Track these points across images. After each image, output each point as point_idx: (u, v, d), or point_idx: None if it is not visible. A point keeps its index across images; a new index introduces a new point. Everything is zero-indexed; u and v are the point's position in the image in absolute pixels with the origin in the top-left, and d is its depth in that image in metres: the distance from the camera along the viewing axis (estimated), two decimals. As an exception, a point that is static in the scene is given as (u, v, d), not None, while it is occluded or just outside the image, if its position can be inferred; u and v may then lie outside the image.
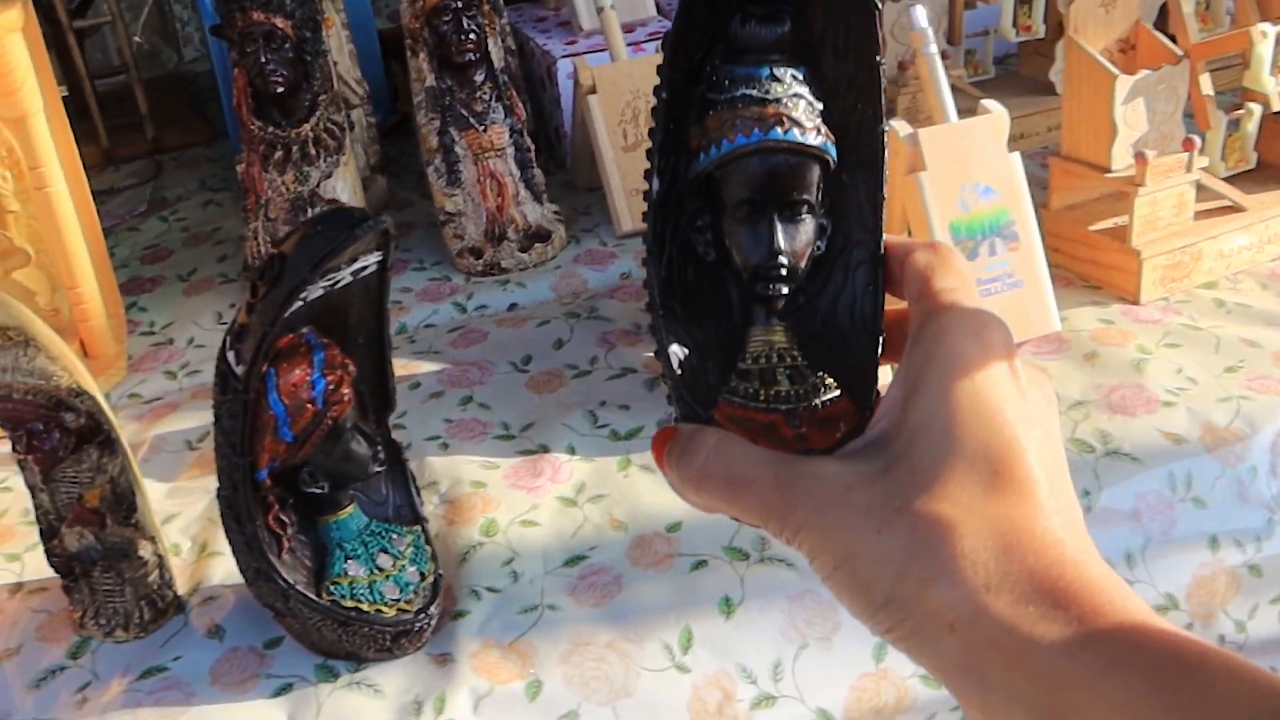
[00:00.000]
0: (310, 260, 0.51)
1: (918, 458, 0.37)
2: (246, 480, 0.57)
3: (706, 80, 0.45)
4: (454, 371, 0.86)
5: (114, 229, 1.12)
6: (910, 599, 0.35)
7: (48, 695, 0.62)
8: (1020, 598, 0.34)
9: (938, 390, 0.38)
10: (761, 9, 0.44)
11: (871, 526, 0.36)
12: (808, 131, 0.44)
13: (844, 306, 0.47)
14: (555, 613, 0.64)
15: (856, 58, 0.44)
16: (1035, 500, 0.36)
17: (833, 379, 0.46)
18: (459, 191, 0.99)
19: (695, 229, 0.46)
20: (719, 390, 0.46)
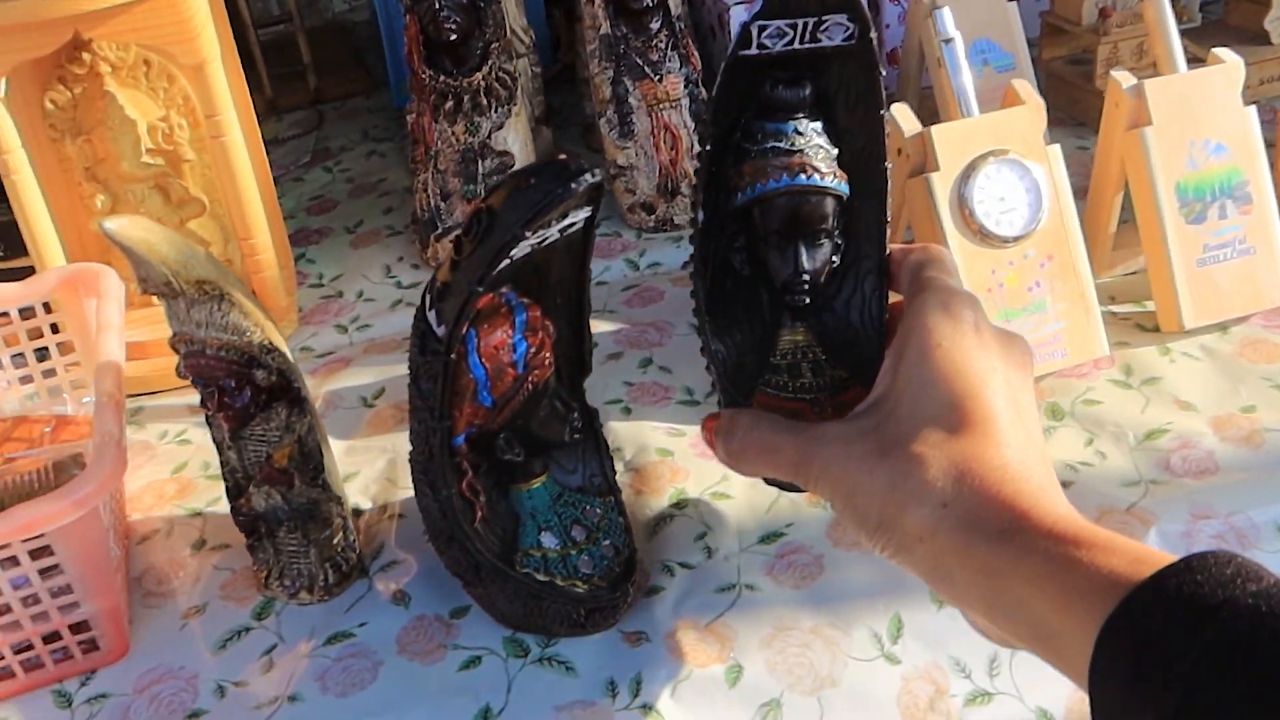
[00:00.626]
0: (522, 215, 0.47)
1: (900, 413, 0.48)
2: (443, 446, 0.54)
3: (742, 131, 0.57)
4: (631, 332, 0.82)
5: (280, 179, 1.11)
6: (892, 521, 0.46)
7: (234, 656, 0.60)
8: (969, 510, 0.44)
9: (914, 358, 0.49)
10: (787, 75, 0.55)
11: (865, 469, 0.47)
12: (825, 176, 0.55)
13: (855, 309, 0.58)
14: (754, 593, 0.61)
15: (864, 108, 0.55)
16: (989, 435, 0.46)
17: (847, 371, 0.58)
18: (631, 144, 0.95)
19: (733, 250, 0.58)
20: (755, 382, 0.58)
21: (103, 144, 0.84)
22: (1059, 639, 0.41)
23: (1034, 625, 0.42)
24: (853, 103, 0.56)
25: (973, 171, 0.69)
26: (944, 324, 0.49)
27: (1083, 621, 0.39)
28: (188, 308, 0.55)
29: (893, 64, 1.13)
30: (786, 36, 0.53)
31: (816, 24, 0.52)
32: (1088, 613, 0.39)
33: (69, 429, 0.73)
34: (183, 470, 0.74)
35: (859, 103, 0.56)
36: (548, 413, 0.57)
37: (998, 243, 0.70)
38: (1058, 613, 0.41)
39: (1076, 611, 0.40)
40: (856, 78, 0.55)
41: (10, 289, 0.72)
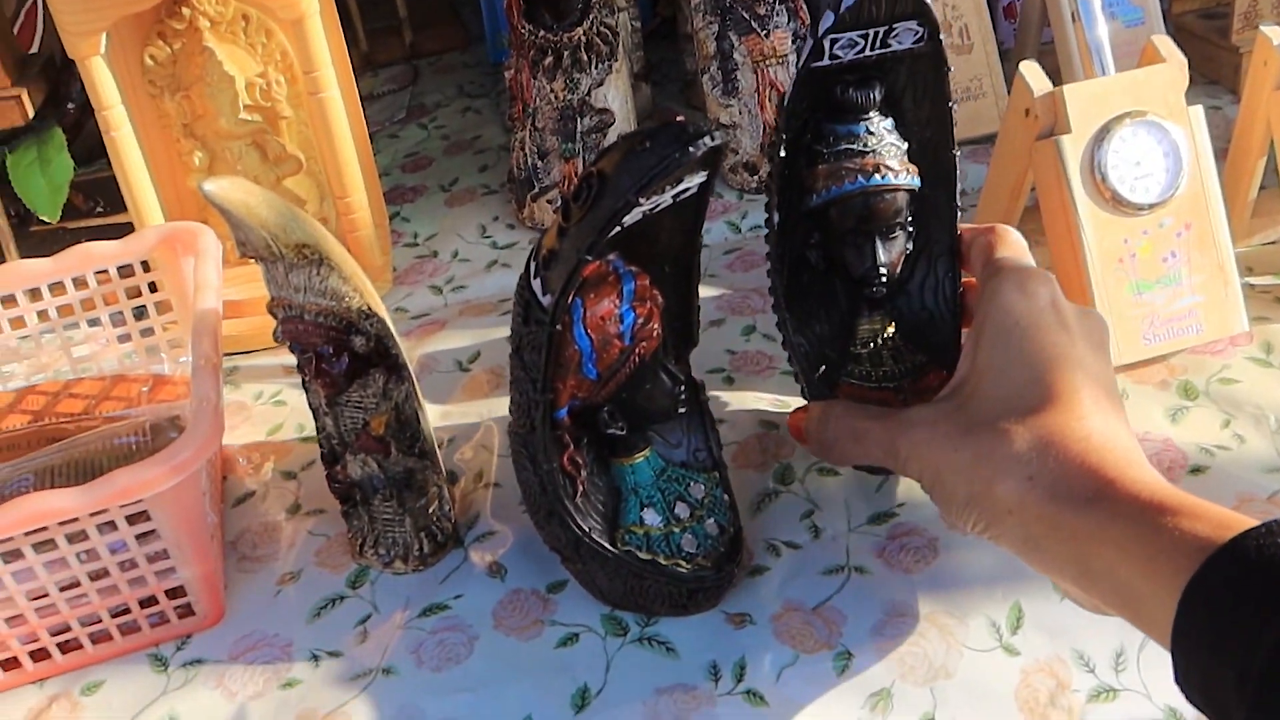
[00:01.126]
0: (636, 181, 0.45)
1: (982, 393, 0.50)
2: (546, 418, 0.52)
3: (813, 133, 0.59)
4: (734, 297, 0.80)
5: (375, 136, 1.09)
6: (980, 496, 0.48)
7: (328, 625, 0.59)
8: (1055, 480, 0.46)
9: (993, 339, 0.51)
10: (857, 78, 0.56)
11: (951, 447, 0.49)
12: (899, 174, 0.58)
13: (929, 291, 0.61)
14: (864, 576, 0.58)
15: (932, 101, 0.58)
16: (1071, 408, 0.47)
17: (926, 354, 0.61)
18: (735, 102, 0.91)
19: (809, 246, 0.61)
20: (838, 372, 0.61)
21: (201, 100, 0.83)
22: (1145, 603, 0.42)
23: (1121, 590, 0.43)
24: (920, 97, 0.58)
25: (1107, 134, 0.65)
26: (1020, 303, 0.51)
27: (1167, 585, 0.40)
28: (286, 272, 0.53)
29: (1009, 18, 1.07)
30: (858, 46, 0.55)
31: (888, 31, 0.54)
32: (1172, 576, 0.40)
33: (166, 388, 0.73)
34: (278, 432, 0.73)
35: (926, 97, 0.58)
36: (653, 386, 0.55)
37: (1132, 210, 0.65)
38: (1143, 576, 0.42)
39: (1161, 575, 0.41)
40: (925, 74, 0.57)
41: (109, 247, 0.71)
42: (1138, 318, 0.66)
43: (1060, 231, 0.66)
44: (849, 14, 0.52)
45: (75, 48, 0.76)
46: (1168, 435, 0.63)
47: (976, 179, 0.89)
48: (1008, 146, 0.70)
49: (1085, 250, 0.65)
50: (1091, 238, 0.65)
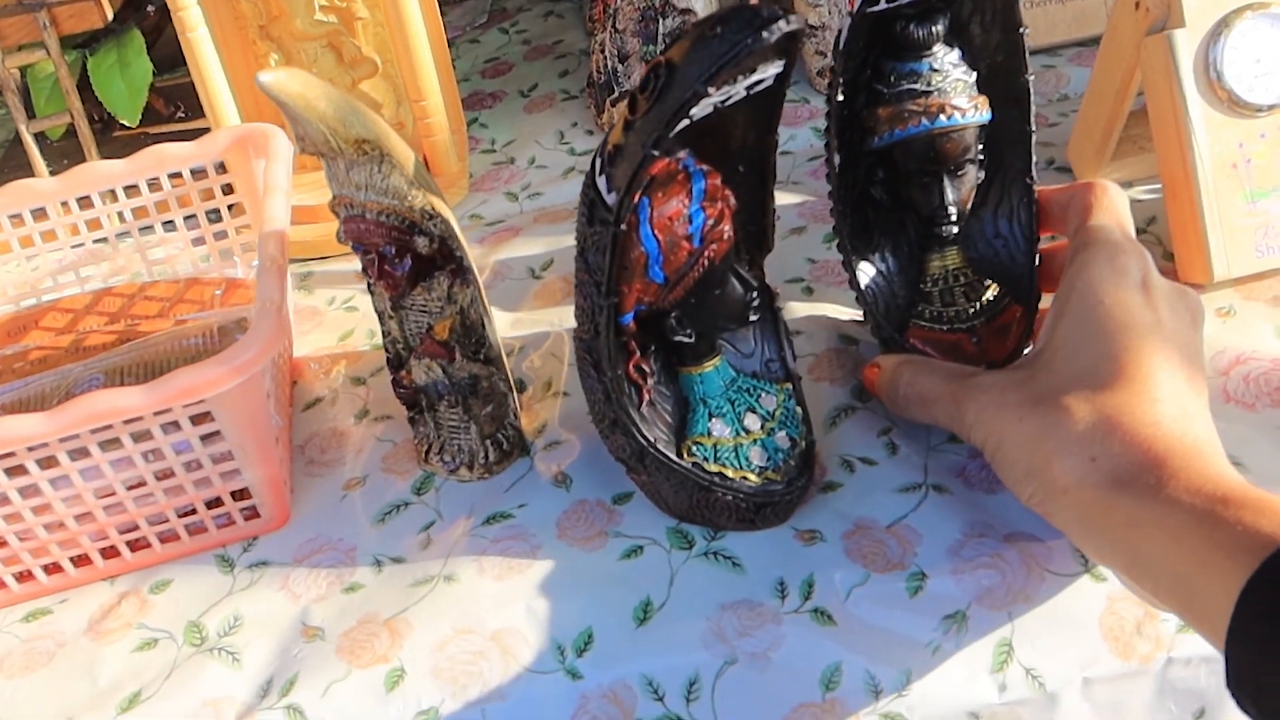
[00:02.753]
0: (705, 69, 0.42)
1: (1056, 366, 0.48)
2: (610, 324, 0.50)
3: (873, 70, 0.55)
4: (817, 205, 0.76)
5: (455, 41, 1.07)
6: (1039, 470, 0.47)
7: (393, 530, 0.59)
8: (1117, 463, 0.44)
9: (1076, 312, 0.49)
10: (917, 11, 0.53)
11: (1015, 418, 0.48)
12: (966, 112, 0.55)
13: (1003, 218, 0.59)
14: (942, 495, 0.55)
15: (1002, 26, 0.55)
16: (1142, 392, 0.46)
17: (1002, 286, 0.58)
18: (824, 1, 0.87)
19: (873, 183, 0.58)
20: (908, 314, 0.59)
21: (276, 1, 0.81)
22: (1200, 599, 0.40)
23: (1175, 584, 0.41)
24: (989, 23, 0.55)
25: (1225, 28, 0.60)
26: (1108, 279, 0.49)
27: (1224, 581, 0.38)
28: (347, 169, 0.52)
29: (1123, -87, 1.00)
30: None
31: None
32: (1230, 572, 0.38)
33: (239, 292, 0.72)
34: (349, 338, 0.73)
35: (995, 23, 0.55)
36: (724, 291, 0.52)
37: (1250, 111, 0.61)
38: (1199, 571, 0.40)
39: (1218, 571, 0.39)
40: (993, 2, 0.54)
41: (182, 149, 0.71)
42: (1251, 228, 0.61)
43: (1169, 136, 0.62)
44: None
45: (149, -55, 0.74)
46: (1277, 354, 0.59)
47: (1080, 84, 0.84)
48: (1114, 43, 0.65)
49: (1195, 156, 0.60)
50: (1203, 142, 0.60)
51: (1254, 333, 0.60)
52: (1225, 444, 0.54)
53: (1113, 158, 0.70)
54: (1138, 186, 0.72)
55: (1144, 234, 0.68)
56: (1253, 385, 0.57)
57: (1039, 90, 0.84)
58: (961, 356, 0.58)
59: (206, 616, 0.56)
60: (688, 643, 0.51)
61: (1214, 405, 0.55)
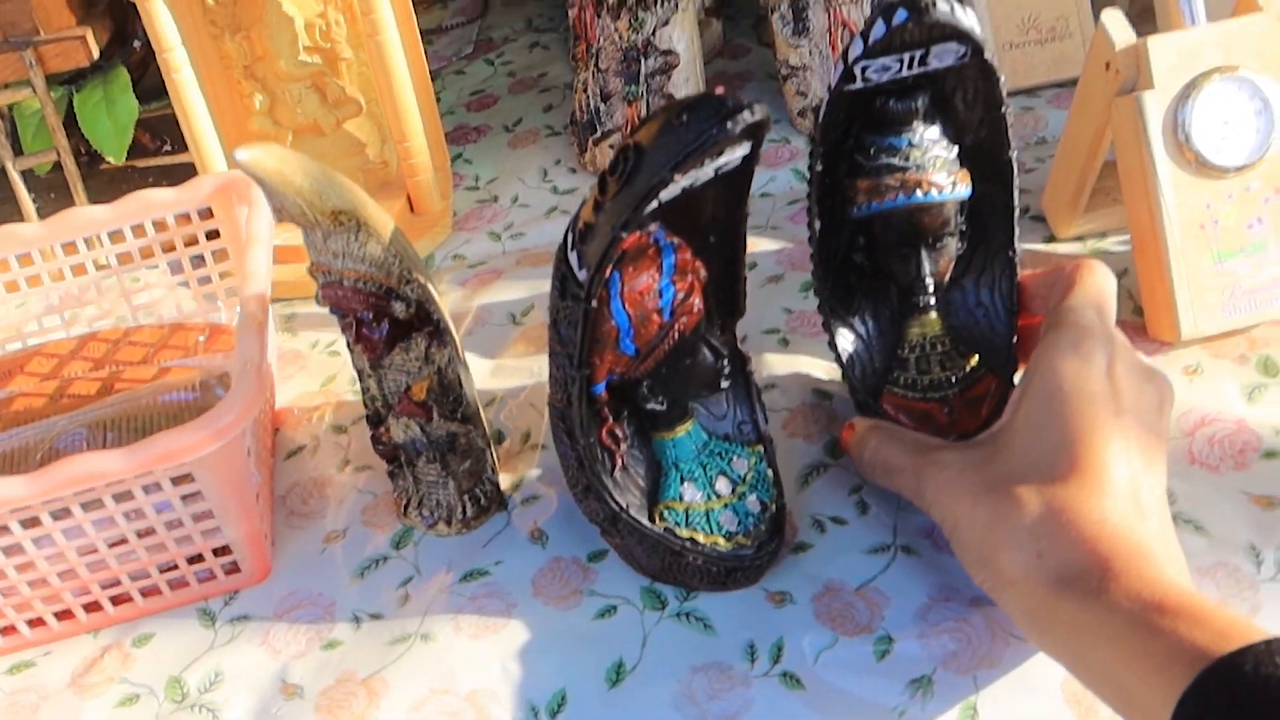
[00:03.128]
0: (672, 158, 0.43)
1: (1013, 450, 0.49)
2: (582, 394, 0.51)
3: (855, 142, 0.56)
4: (795, 252, 0.77)
5: (440, 71, 1.08)
6: (989, 560, 0.47)
7: (371, 585, 0.60)
8: (1062, 562, 0.45)
9: (1037, 395, 0.49)
10: (897, 89, 0.53)
11: (970, 501, 0.49)
12: (944, 188, 0.55)
13: (984, 286, 0.59)
14: (910, 557, 0.56)
15: (984, 104, 0.55)
16: (1093, 485, 0.46)
17: (978, 356, 0.59)
18: (805, 42, 0.88)
19: (855, 250, 0.59)
20: (884, 379, 0.60)
21: (261, 41, 0.82)
22: (1139, 707, 0.41)
23: (1116, 689, 0.42)
24: (972, 100, 0.55)
25: (1193, 91, 0.61)
26: (1071, 364, 0.49)
27: (1162, 693, 0.39)
28: (324, 238, 0.52)
29: (1104, -50, 1.01)
30: (892, 69, 0.52)
31: (924, 53, 0.51)
32: (1167, 684, 0.39)
33: (222, 338, 0.73)
34: (331, 383, 0.74)
35: (978, 101, 0.55)
36: (695, 361, 0.53)
37: (1217, 173, 0.61)
38: (1138, 680, 0.41)
39: (1156, 681, 0.40)
40: (974, 81, 0.54)
41: (167, 194, 0.71)
42: (1218, 288, 0.62)
43: (1138, 195, 0.63)
44: (879, 44, 0.50)
45: (134, -10, 0.75)
46: (1242, 416, 0.59)
47: (1059, 126, 0.85)
48: (1086, 100, 0.66)
49: (1164, 215, 0.61)
50: (1171, 202, 0.61)
51: (1220, 392, 0.61)
52: (1187, 507, 0.55)
53: (1086, 209, 0.71)
54: (1111, 238, 0.73)
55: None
56: (1217, 447, 0.58)
57: (1017, 133, 0.85)
58: (933, 425, 0.58)
59: (188, 672, 0.57)
60: (659, 705, 0.52)
61: (1178, 467, 0.56)
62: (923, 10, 0.48)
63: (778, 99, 0.93)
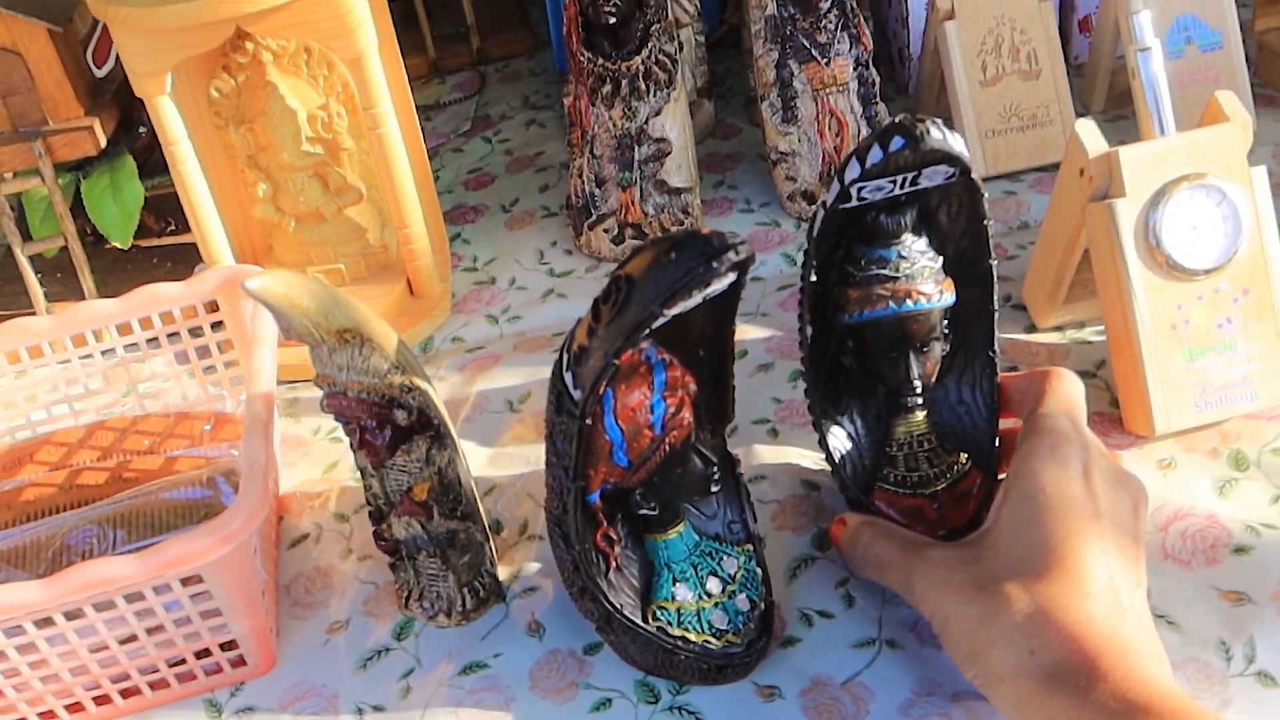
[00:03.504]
0: (662, 294, 0.45)
1: (999, 549, 0.51)
2: (577, 503, 0.53)
3: (845, 253, 0.59)
4: (784, 339, 0.80)
5: (439, 149, 1.11)
6: (979, 655, 0.49)
7: (374, 677, 0.61)
8: (1051, 660, 0.47)
9: (1018, 497, 0.52)
10: (887, 204, 0.57)
11: (960, 599, 0.51)
12: (931, 296, 0.58)
13: (966, 385, 0.62)
14: (894, 651, 0.58)
15: (967, 216, 0.58)
16: (1075, 584, 0.48)
17: (963, 453, 0.62)
18: (795, 129, 0.91)
19: (844, 353, 0.62)
20: (874, 475, 0.63)
21: (264, 133, 0.84)
22: None
23: None
24: (955, 214, 0.58)
25: (1163, 197, 0.63)
26: (1049, 468, 0.52)
27: None
28: (329, 354, 0.55)
29: (1084, 32, 1.04)
30: (886, 189, 0.55)
31: (916, 175, 0.54)
32: None
33: (227, 427, 0.75)
34: (333, 470, 0.76)
35: (961, 214, 0.58)
36: (686, 469, 0.55)
37: (1186, 276, 0.64)
38: None
39: None
40: (959, 196, 0.57)
41: (174, 289, 0.74)
42: (1190, 385, 0.65)
43: (1112, 296, 0.65)
44: (875, 168, 0.53)
45: (142, 87, 0.78)
46: (1213, 510, 0.62)
47: (1040, 210, 0.87)
48: (1062, 203, 0.69)
49: (1137, 316, 0.64)
50: (1144, 303, 0.64)
51: (1192, 486, 0.63)
52: (1161, 602, 0.57)
53: (1065, 300, 0.73)
54: (1089, 328, 0.75)
55: (1094, 378, 0.72)
56: (1189, 542, 0.60)
57: (1000, 218, 0.88)
58: (923, 520, 0.61)
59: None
60: (652, 801, 0.54)
61: (1152, 562, 0.58)
62: (918, 139, 0.51)
63: (767, 180, 0.95)
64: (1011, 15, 0.90)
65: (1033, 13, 0.91)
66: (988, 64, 0.91)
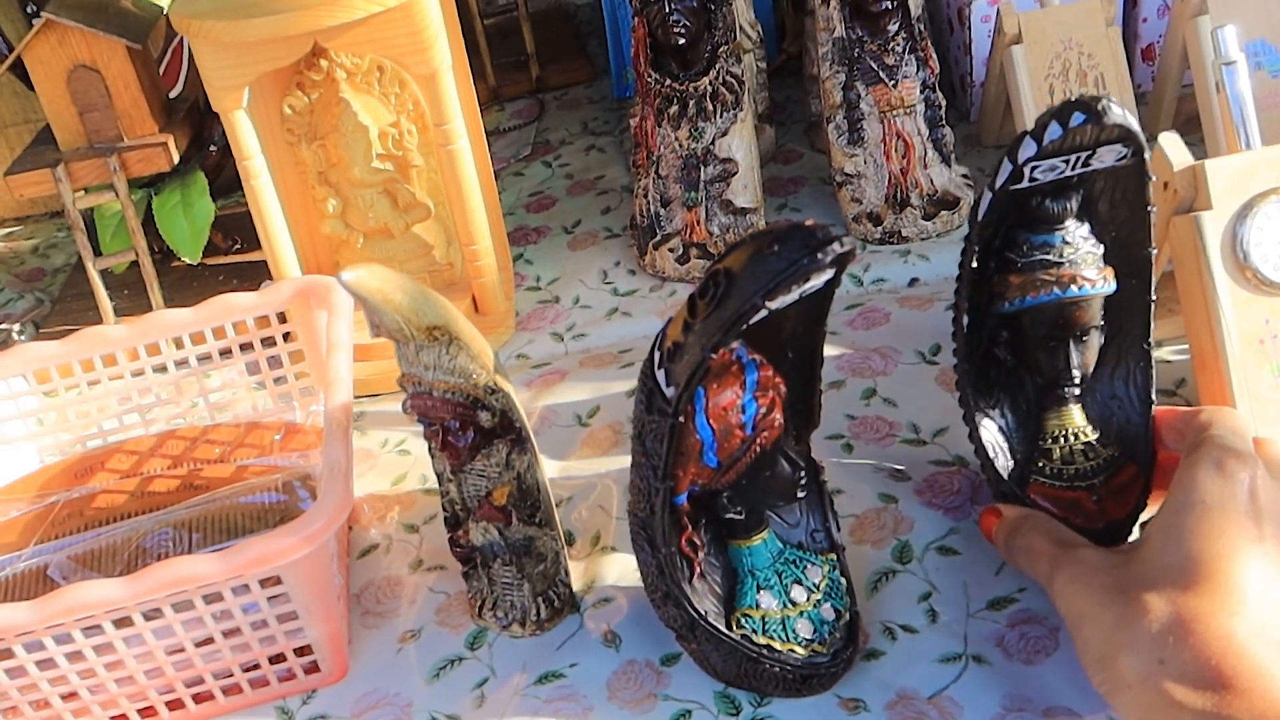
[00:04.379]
0: (763, 286, 0.45)
1: (1147, 556, 0.50)
2: (665, 504, 0.53)
3: (1004, 240, 0.58)
4: (854, 358, 0.79)
5: (500, 172, 1.11)
6: (1108, 660, 0.48)
7: (447, 686, 0.61)
8: (1183, 672, 0.45)
9: (1175, 507, 0.50)
10: (1053, 187, 0.56)
11: (1098, 601, 0.49)
12: (1095, 283, 0.57)
13: (1120, 379, 0.61)
14: (981, 666, 0.57)
15: (1130, 205, 0.57)
16: (1223, 600, 0.46)
17: (1118, 448, 0.60)
18: (860, 151, 0.90)
19: (998, 344, 0.61)
20: (1027, 469, 0.61)
21: (336, 150, 0.85)
22: None
23: None
24: (1118, 201, 0.58)
25: (1250, 211, 0.63)
26: (1213, 481, 0.50)
27: None
28: (417, 351, 0.55)
29: (1147, 60, 1.04)
30: (1059, 170, 0.54)
31: (1090, 154, 0.53)
32: None
33: (297, 437, 0.75)
34: (402, 482, 0.75)
35: (1124, 202, 0.57)
36: (774, 472, 0.54)
37: (1275, 290, 0.63)
38: None
39: None
40: (1126, 181, 0.56)
41: (247, 299, 0.74)
42: (1279, 401, 0.63)
43: (1197, 310, 0.64)
44: (1052, 145, 0.52)
45: (220, 101, 0.78)
46: (1307, 528, 0.60)
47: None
48: (1144, 218, 0.68)
49: (1224, 331, 0.63)
50: (1230, 318, 0.63)
51: (1284, 504, 0.62)
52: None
53: (1143, 319, 0.72)
54: (1166, 347, 0.74)
55: (1174, 396, 0.71)
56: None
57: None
58: (1082, 513, 0.59)
59: (267, 771, 0.58)
60: (736, 813, 0.53)
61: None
62: (1100, 114, 0.51)
63: (830, 203, 0.95)
64: (1079, 40, 0.90)
65: (1100, 37, 0.90)
66: (1055, 88, 0.90)
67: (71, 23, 0.84)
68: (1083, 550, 0.53)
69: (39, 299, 1.01)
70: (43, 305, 1.00)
